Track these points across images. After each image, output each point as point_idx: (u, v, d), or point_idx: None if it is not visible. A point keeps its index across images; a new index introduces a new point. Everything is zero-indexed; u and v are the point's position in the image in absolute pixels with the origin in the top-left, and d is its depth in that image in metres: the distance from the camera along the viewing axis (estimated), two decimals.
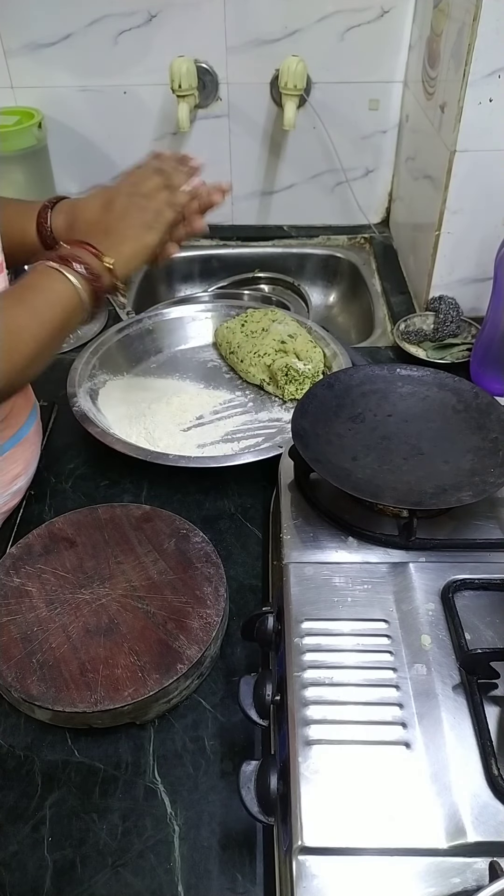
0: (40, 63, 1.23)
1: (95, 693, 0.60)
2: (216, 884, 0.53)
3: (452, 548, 0.64)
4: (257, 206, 1.41)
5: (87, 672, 0.62)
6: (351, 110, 1.27)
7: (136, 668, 0.62)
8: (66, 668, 0.62)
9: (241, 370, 1.03)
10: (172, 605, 0.67)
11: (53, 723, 0.62)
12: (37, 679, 0.61)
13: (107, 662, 0.62)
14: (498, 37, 0.85)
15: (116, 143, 1.32)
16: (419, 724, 0.51)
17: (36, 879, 0.54)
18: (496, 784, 0.47)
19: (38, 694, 0.60)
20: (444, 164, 0.98)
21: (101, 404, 0.95)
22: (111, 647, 0.64)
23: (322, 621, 0.58)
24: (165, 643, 0.64)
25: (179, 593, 0.68)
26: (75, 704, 0.59)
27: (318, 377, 0.98)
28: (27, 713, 0.63)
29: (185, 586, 0.69)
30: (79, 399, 0.91)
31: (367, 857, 0.46)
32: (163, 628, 0.65)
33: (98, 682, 0.61)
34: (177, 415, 0.96)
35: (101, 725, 0.61)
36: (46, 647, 0.64)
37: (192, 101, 1.22)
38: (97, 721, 0.61)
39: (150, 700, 0.61)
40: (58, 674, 0.62)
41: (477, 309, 1.07)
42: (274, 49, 1.20)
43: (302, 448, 0.68)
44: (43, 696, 0.60)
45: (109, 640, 0.64)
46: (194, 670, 0.63)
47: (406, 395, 0.77)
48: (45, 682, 0.61)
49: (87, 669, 0.62)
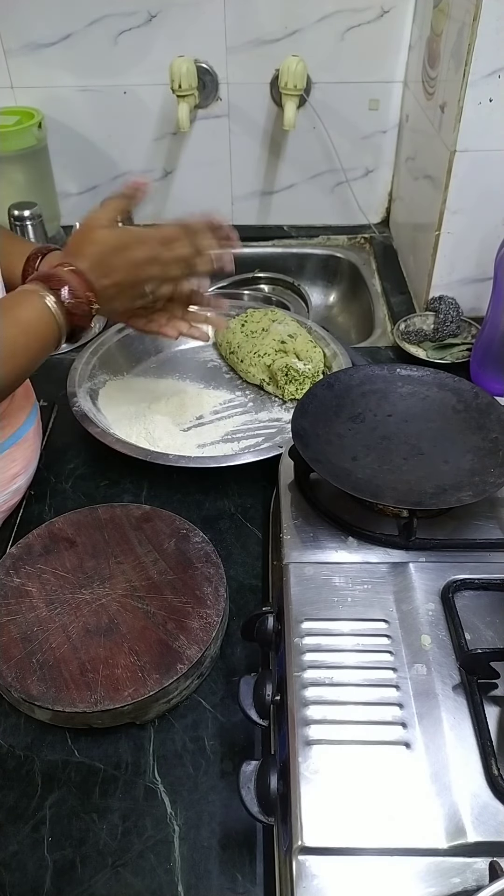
0: (40, 63, 1.23)
1: (95, 693, 0.60)
2: (216, 884, 0.53)
3: (452, 548, 0.64)
4: (257, 206, 1.41)
5: (87, 672, 0.62)
6: (351, 110, 1.27)
7: (136, 668, 0.62)
8: (66, 668, 0.62)
9: (240, 370, 1.03)
10: (172, 605, 0.67)
11: (53, 723, 0.62)
12: (37, 679, 0.61)
13: (107, 662, 0.62)
14: (498, 37, 0.85)
15: (116, 143, 1.32)
16: (419, 724, 0.51)
17: (36, 879, 0.54)
18: (496, 784, 0.47)
19: (38, 694, 0.60)
20: (444, 164, 0.98)
21: (101, 404, 0.95)
22: (111, 647, 0.64)
23: (322, 621, 0.58)
24: (165, 643, 0.64)
25: (179, 593, 0.68)
26: (75, 704, 0.59)
27: (318, 377, 0.98)
28: (27, 713, 0.63)
29: (185, 586, 0.69)
30: (79, 399, 0.91)
31: (367, 857, 0.46)
32: (163, 628, 0.65)
33: (98, 682, 0.61)
34: (177, 415, 0.96)
35: (101, 725, 0.61)
36: (46, 647, 0.64)
37: (192, 101, 1.22)
38: (97, 721, 0.61)
39: (150, 700, 0.61)
40: (58, 674, 0.62)
41: (477, 309, 1.07)
42: (274, 49, 1.20)
43: (302, 448, 0.68)
44: (43, 696, 0.60)
45: (109, 640, 0.64)
46: (194, 670, 0.63)
47: (406, 395, 0.77)
48: (45, 682, 0.61)
49: (87, 669, 0.62)
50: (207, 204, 1.38)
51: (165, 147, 1.33)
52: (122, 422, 0.93)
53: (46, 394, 1.01)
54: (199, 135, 1.31)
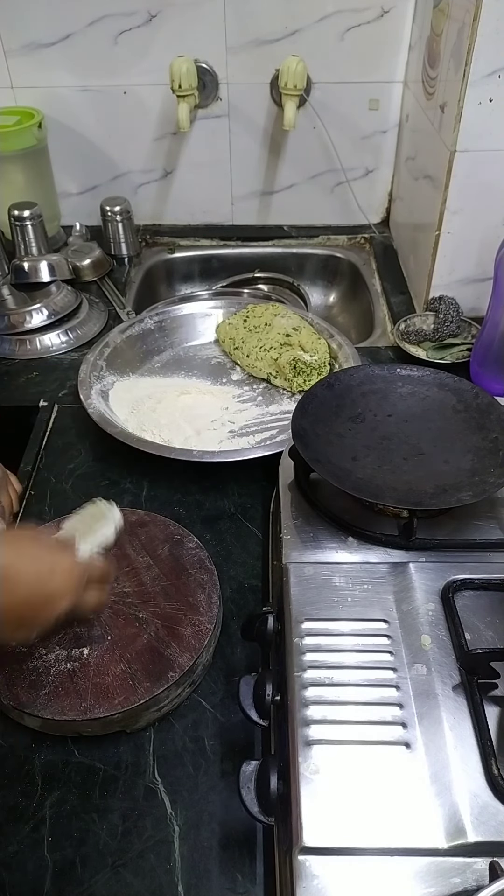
0: (40, 63, 1.23)
1: (85, 701, 0.59)
2: (216, 884, 0.53)
3: (452, 548, 0.64)
4: (257, 206, 1.41)
5: (77, 679, 0.61)
6: (351, 110, 1.27)
7: (126, 675, 0.61)
8: (56, 675, 0.62)
9: (246, 365, 1.03)
10: (165, 612, 0.67)
11: (43, 730, 0.61)
12: (26, 686, 0.61)
13: (97, 670, 0.62)
14: (498, 37, 0.85)
15: (116, 143, 1.32)
16: (419, 724, 0.51)
17: (36, 879, 0.54)
18: (496, 784, 0.47)
19: (28, 701, 0.60)
20: (444, 163, 0.98)
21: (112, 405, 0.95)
22: (102, 654, 0.63)
23: (322, 621, 0.58)
24: (157, 651, 0.63)
25: (172, 600, 0.68)
26: (65, 712, 0.59)
27: (325, 367, 0.99)
28: (17, 720, 0.62)
29: (178, 592, 0.68)
30: (93, 401, 0.92)
31: (367, 857, 0.46)
32: (154, 635, 0.65)
33: (88, 689, 0.60)
34: (186, 412, 0.96)
35: (91, 734, 0.61)
36: (36, 654, 0.63)
37: (192, 101, 1.22)
38: (87, 729, 0.60)
39: (141, 708, 0.60)
40: (47, 681, 0.61)
41: (477, 309, 1.07)
42: (274, 49, 1.20)
43: (302, 448, 0.68)
44: (32, 704, 0.60)
45: (100, 647, 0.64)
46: (186, 678, 0.63)
47: (406, 395, 0.77)
48: (35, 690, 0.60)
49: (78, 677, 0.61)
50: (207, 204, 1.39)
51: (165, 147, 1.33)
52: (130, 422, 0.93)
53: (46, 394, 1.01)
54: (199, 135, 1.31)
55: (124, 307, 1.20)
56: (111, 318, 1.17)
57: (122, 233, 1.33)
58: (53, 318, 1.11)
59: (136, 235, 1.37)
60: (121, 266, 1.32)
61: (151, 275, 1.36)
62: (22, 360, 1.08)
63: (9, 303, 1.13)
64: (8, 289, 1.16)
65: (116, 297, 1.22)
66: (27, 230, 1.20)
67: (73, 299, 1.14)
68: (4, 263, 1.24)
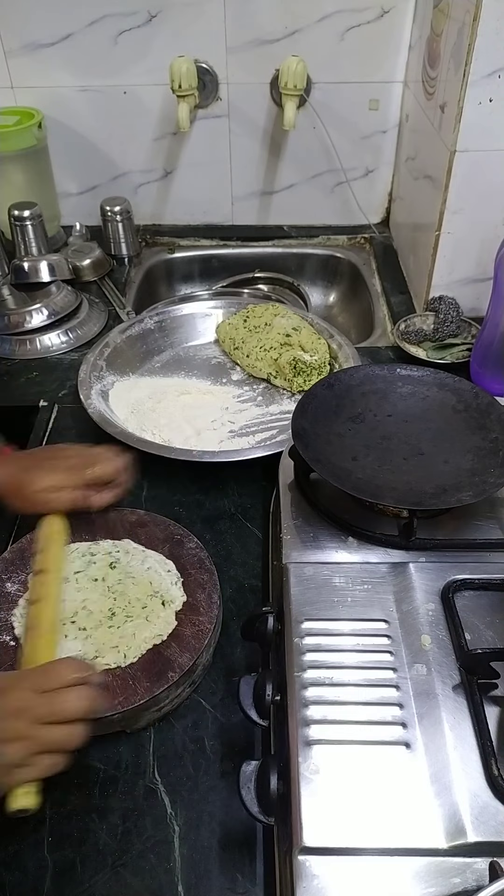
0: (40, 63, 1.23)
1: None
2: (216, 884, 0.53)
3: (452, 548, 0.64)
4: (257, 206, 1.41)
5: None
6: (351, 110, 1.27)
7: (126, 675, 0.61)
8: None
9: (246, 365, 1.03)
10: None
11: None
12: None
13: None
14: (498, 37, 0.85)
15: (116, 143, 1.32)
16: (419, 724, 0.51)
17: (36, 879, 0.54)
18: (496, 784, 0.47)
19: None
20: (444, 164, 0.98)
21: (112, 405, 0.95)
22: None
23: (322, 621, 0.58)
24: (157, 650, 0.63)
25: None
26: None
27: (326, 367, 0.99)
28: None
29: None
30: (93, 401, 0.92)
31: (367, 857, 0.46)
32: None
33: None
34: (186, 412, 0.96)
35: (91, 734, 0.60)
36: None
37: (192, 101, 1.22)
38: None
39: (141, 708, 0.60)
40: None
41: (477, 309, 1.07)
42: (274, 49, 1.20)
43: (302, 448, 0.68)
44: None
45: None
46: (186, 678, 0.62)
47: (406, 395, 0.77)
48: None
49: None
50: (207, 204, 1.39)
51: (165, 147, 1.33)
52: (130, 422, 0.93)
53: (46, 394, 1.01)
54: (199, 135, 1.31)
55: (124, 307, 1.20)
56: (111, 318, 1.17)
57: (122, 233, 1.33)
58: (53, 318, 1.11)
59: (136, 235, 1.37)
60: (121, 266, 1.32)
61: (151, 275, 1.36)
62: (22, 360, 1.08)
63: (9, 303, 1.13)
64: (8, 289, 1.16)
65: (116, 297, 1.22)
66: (27, 230, 1.20)
67: (73, 299, 1.14)
68: (4, 263, 1.24)
